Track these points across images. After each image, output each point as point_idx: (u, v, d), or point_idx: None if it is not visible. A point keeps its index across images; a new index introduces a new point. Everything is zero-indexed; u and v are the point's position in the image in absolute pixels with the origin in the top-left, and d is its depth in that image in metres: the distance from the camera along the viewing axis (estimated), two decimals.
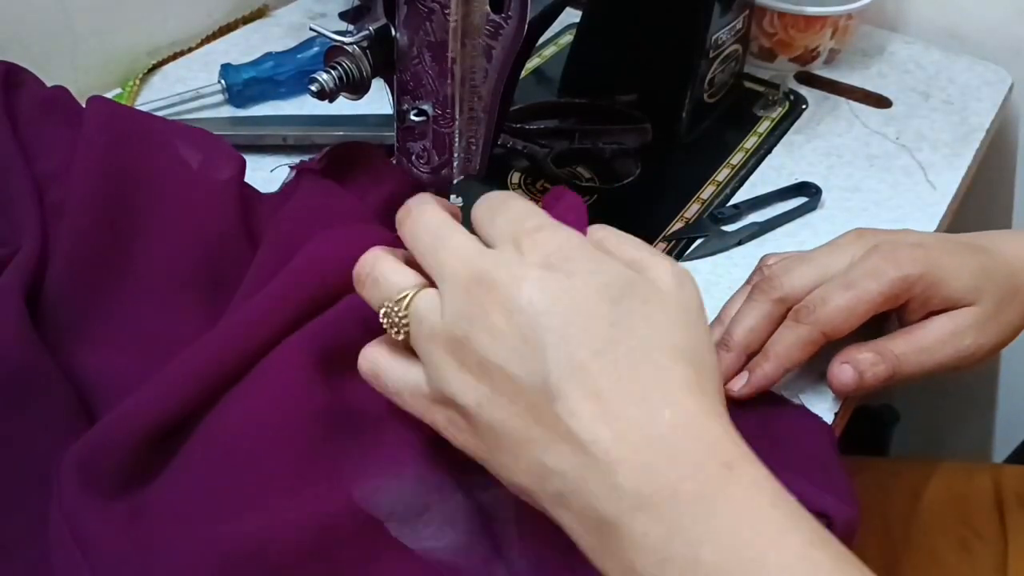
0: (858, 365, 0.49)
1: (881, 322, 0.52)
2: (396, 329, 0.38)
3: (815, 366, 0.54)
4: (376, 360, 0.39)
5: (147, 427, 0.40)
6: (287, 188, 0.55)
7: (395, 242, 0.44)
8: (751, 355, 0.50)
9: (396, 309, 0.37)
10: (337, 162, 0.54)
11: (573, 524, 0.34)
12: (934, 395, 1.09)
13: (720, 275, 0.61)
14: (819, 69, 0.79)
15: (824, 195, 0.68)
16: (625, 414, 0.33)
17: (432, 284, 0.38)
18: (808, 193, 0.67)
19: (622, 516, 0.32)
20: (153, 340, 0.46)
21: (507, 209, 0.38)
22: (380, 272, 0.39)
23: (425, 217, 0.39)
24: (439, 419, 0.38)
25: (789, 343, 0.48)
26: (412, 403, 0.38)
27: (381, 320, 0.38)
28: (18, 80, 0.53)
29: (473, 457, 0.38)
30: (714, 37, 0.71)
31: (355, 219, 0.50)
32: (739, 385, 0.49)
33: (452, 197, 0.44)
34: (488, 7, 0.44)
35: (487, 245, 0.38)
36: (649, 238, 0.64)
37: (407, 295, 0.37)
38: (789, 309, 0.50)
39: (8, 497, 0.41)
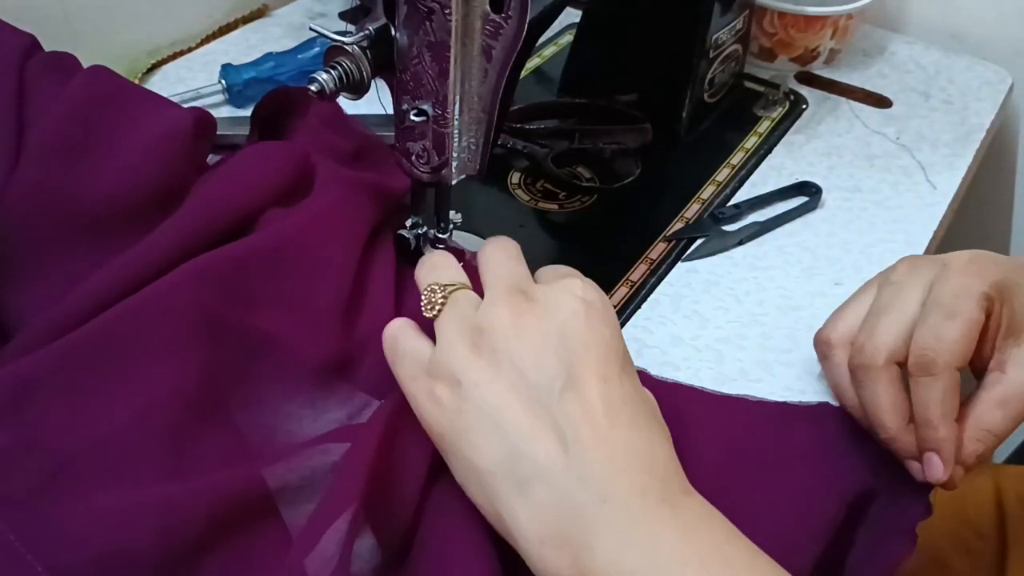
0: (967, 460, 0.46)
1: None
2: (431, 306, 0.43)
3: (811, 368, 0.54)
4: (398, 325, 0.44)
5: (49, 326, 0.43)
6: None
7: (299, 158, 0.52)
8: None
9: (440, 291, 0.43)
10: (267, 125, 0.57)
11: (523, 514, 0.37)
12: None
13: (720, 275, 0.61)
14: (819, 69, 0.79)
15: (824, 195, 0.68)
16: (616, 428, 0.38)
17: None
18: (808, 192, 0.67)
19: (588, 507, 0.36)
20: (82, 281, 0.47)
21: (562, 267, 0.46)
22: (444, 263, 0.45)
23: (497, 248, 0.46)
24: (421, 389, 0.41)
25: (939, 397, 0.45)
26: (407, 368, 0.42)
27: (422, 296, 0.43)
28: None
29: (436, 433, 0.40)
30: (714, 37, 0.71)
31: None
32: (939, 472, 0.45)
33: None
34: (488, 7, 0.44)
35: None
36: (649, 238, 0.64)
37: (456, 287, 0.43)
38: (900, 362, 0.47)
39: None
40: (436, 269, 0.45)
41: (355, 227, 0.51)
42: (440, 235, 0.54)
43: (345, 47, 0.46)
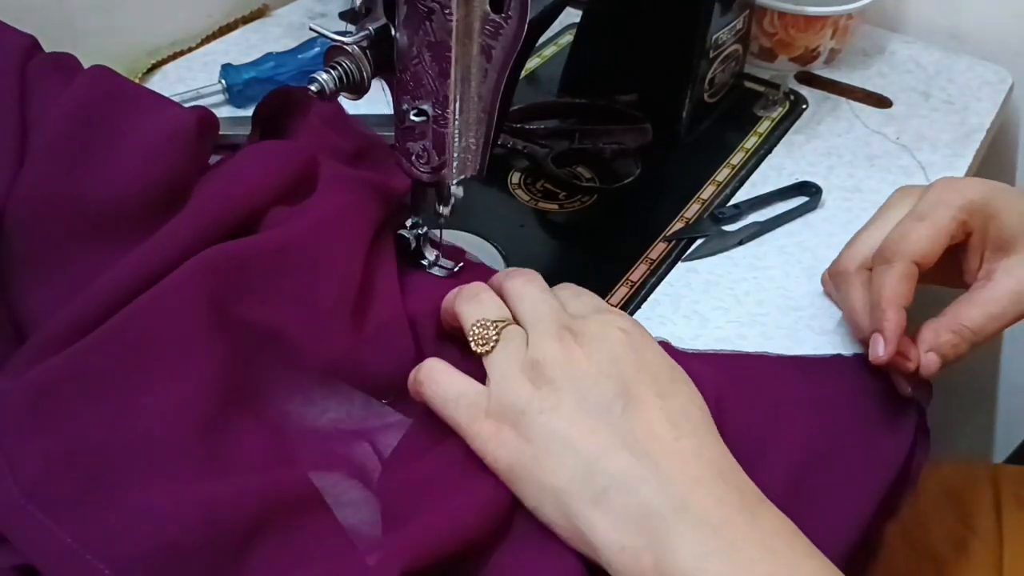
0: (941, 350, 0.49)
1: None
2: (484, 342, 0.44)
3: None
4: (435, 369, 0.44)
5: (65, 327, 0.43)
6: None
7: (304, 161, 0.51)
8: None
9: (492, 327, 0.44)
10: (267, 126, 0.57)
11: (603, 523, 0.38)
12: (934, 395, 1.09)
13: (720, 275, 0.61)
14: (819, 69, 0.79)
15: (824, 195, 0.68)
16: (683, 440, 0.40)
17: None
18: (808, 192, 0.67)
19: (670, 512, 0.37)
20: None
21: (583, 294, 0.48)
22: (486, 297, 0.46)
23: (528, 284, 0.47)
24: (485, 429, 0.42)
25: (892, 282, 0.49)
26: (463, 410, 0.43)
27: (470, 332, 0.44)
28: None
29: (504, 465, 0.41)
30: (714, 37, 0.71)
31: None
32: (880, 350, 0.48)
33: None
34: (488, 7, 0.44)
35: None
36: (649, 238, 0.64)
37: (506, 323, 0.44)
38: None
39: None
40: (482, 304, 0.45)
41: (361, 228, 0.51)
42: (442, 209, 0.53)
43: (345, 47, 0.46)
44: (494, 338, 0.44)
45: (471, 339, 0.44)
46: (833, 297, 0.58)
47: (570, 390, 0.41)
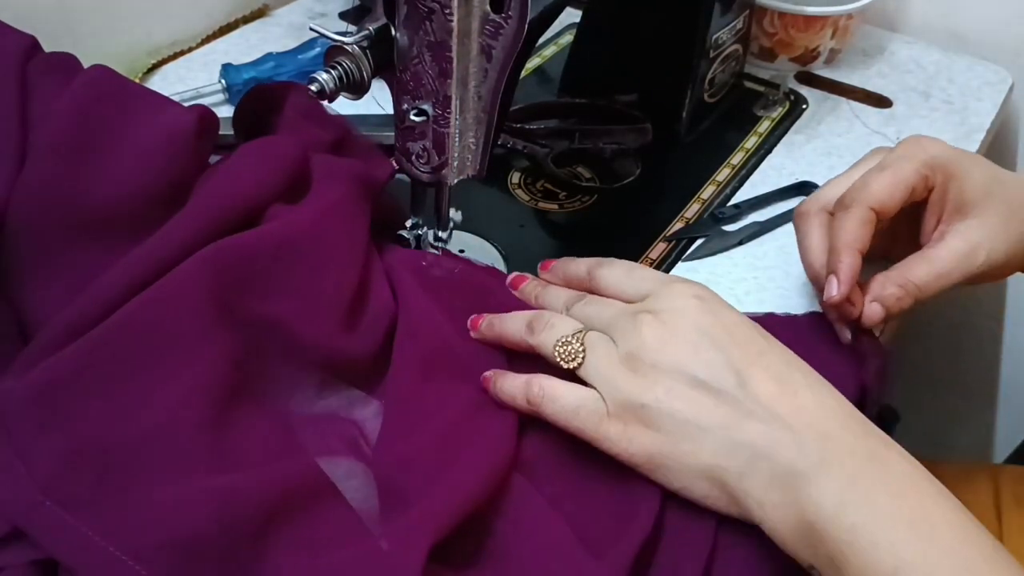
0: (885, 302, 0.50)
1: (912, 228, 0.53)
2: (572, 357, 0.45)
3: None
4: (548, 386, 0.45)
5: (67, 327, 0.43)
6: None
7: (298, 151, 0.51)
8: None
9: (573, 342, 0.45)
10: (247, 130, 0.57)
11: (754, 488, 0.40)
12: (934, 395, 1.09)
13: (720, 275, 0.61)
14: (819, 69, 0.79)
15: None
16: (800, 393, 0.41)
17: None
18: (808, 192, 0.67)
19: (810, 469, 0.39)
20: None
21: (634, 268, 0.50)
22: (555, 320, 0.47)
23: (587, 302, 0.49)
24: (612, 431, 0.43)
25: (850, 227, 0.50)
26: (586, 418, 0.44)
27: (555, 354, 0.45)
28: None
29: (643, 457, 0.42)
30: (714, 37, 0.71)
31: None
32: (834, 290, 0.49)
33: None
34: (488, 7, 0.44)
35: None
36: (649, 238, 0.64)
37: (583, 331, 0.45)
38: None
39: None
40: (554, 328, 0.46)
41: (358, 220, 0.51)
42: (440, 233, 0.54)
43: (345, 47, 0.46)
44: (580, 350, 0.45)
45: (560, 361, 0.45)
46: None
47: (677, 369, 0.42)
